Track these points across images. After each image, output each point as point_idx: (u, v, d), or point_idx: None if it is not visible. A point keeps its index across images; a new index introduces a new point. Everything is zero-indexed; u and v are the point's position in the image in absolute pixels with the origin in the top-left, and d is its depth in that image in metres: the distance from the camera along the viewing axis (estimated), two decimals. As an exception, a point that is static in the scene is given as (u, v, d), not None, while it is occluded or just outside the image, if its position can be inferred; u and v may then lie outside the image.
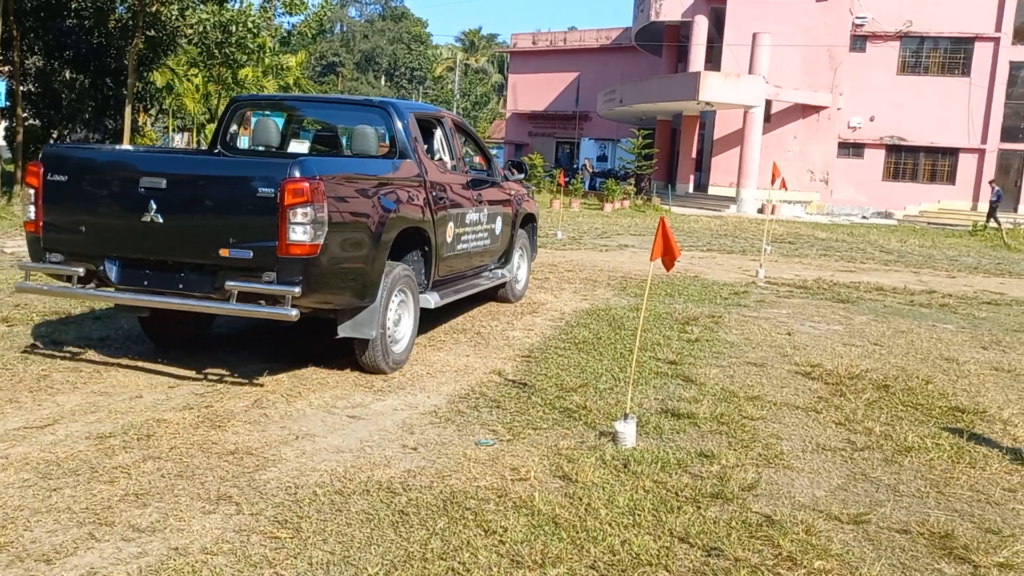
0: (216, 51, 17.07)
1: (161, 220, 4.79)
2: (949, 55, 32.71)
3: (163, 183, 4.81)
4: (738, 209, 29.71)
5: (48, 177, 5.04)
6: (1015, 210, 31.84)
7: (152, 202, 4.79)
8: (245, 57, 18.13)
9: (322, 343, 5.99)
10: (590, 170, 38.95)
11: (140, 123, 26.37)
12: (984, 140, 32.49)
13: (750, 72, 29.65)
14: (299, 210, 4.58)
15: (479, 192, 7.23)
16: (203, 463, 3.86)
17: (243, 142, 8.05)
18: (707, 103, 29.01)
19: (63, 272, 5.13)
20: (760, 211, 29.64)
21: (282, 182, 4.56)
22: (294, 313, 4.68)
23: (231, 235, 4.71)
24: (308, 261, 4.67)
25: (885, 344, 7.44)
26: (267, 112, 7.96)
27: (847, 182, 33.86)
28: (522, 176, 8.50)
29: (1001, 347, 7.59)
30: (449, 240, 6.48)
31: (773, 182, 11.89)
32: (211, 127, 38.16)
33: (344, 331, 5.37)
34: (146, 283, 5.01)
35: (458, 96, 65.88)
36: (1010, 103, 32.34)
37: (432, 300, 6.22)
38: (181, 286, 4.93)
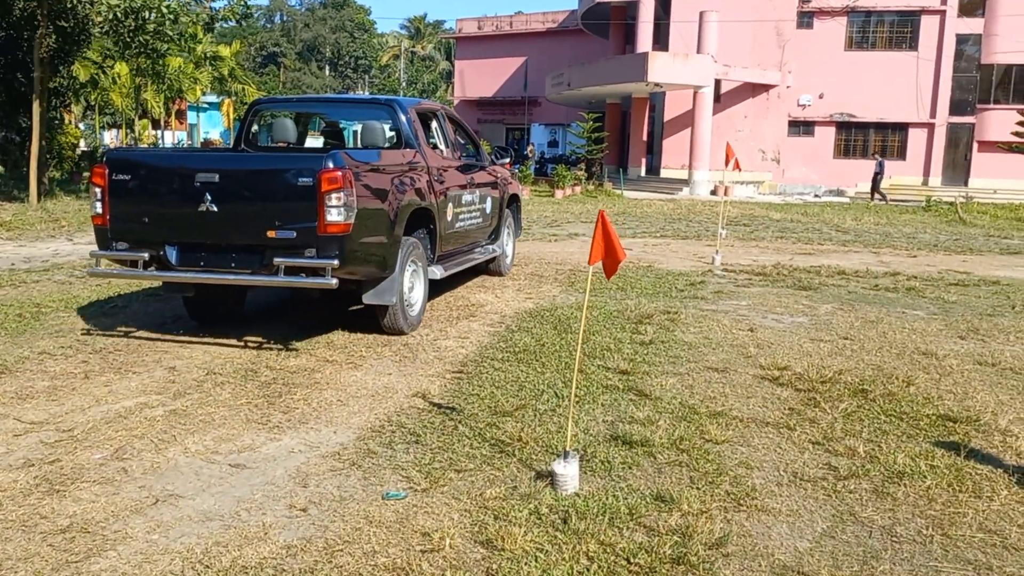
0: (131, 40, 15.85)
1: (216, 209, 5.58)
2: (896, 29, 32.53)
3: (216, 177, 5.61)
4: (691, 192, 29.19)
5: (113, 177, 5.83)
6: (965, 183, 31.85)
7: (207, 194, 5.57)
8: (166, 46, 16.93)
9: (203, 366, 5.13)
10: (532, 155, 38.20)
11: (65, 120, 24.93)
12: (933, 114, 32.41)
13: (698, 52, 29.09)
14: (334, 195, 5.39)
15: (471, 176, 8.07)
16: (18, 550, 2.99)
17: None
18: (656, 84, 28.39)
19: (130, 258, 5.87)
20: (713, 193, 29.17)
21: (319, 172, 5.39)
22: (334, 282, 5.49)
23: (277, 219, 5.52)
24: (343, 238, 5.49)
25: (855, 337, 6.78)
26: (284, 112, 8.62)
27: (799, 160, 33.58)
28: (507, 160, 9.45)
29: (979, 336, 6.98)
30: (449, 219, 7.36)
31: (727, 163, 11.23)
32: (144, 122, 36.75)
33: (368, 299, 6.20)
34: (202, 264, 5.78)
35: (404, 84, 64.55)
36: (957, 76, 32.30)
37: (438, 272, 7.13)
38: (233, 264, 5.73)
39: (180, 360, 5.66)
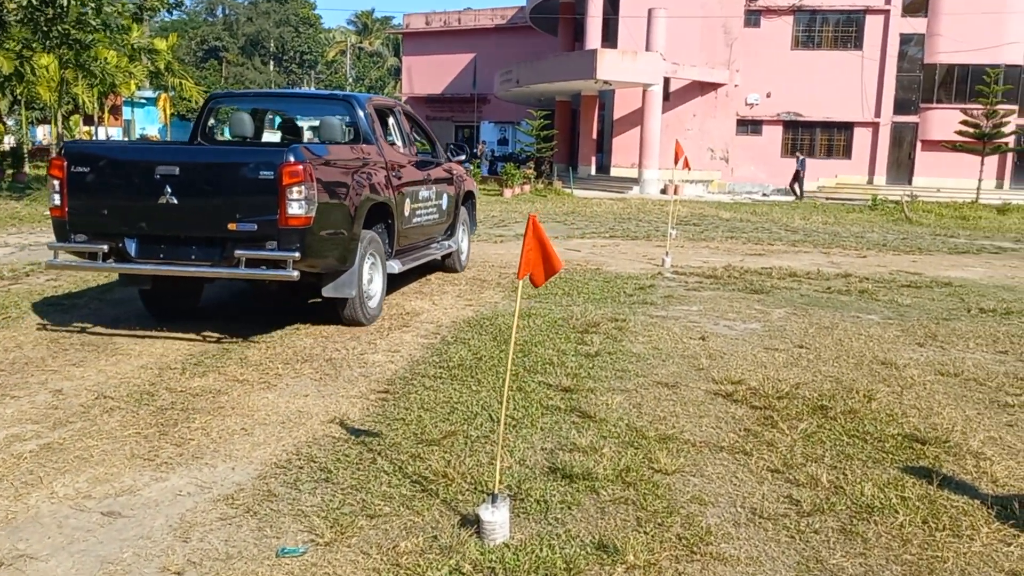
0: (49, 30, 14.91)
1: (176, 202, 5.60)
2: (841, 29, 32.75)
3: (176, 170, 5.62)
4: (641, 190, 28.97)
5: (71, 169, 5.79)
6: (909, 182, 32.20)
7: (167, 186, 5.58)
8: (91, 37, 16.01)
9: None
10: (482, 154, 37.70)
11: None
12: (878, 113, 32.71)
13: (647, 49, 28.87)
14: (295, 189, 5.45)
15: (428, 172, 8.11)
16: None
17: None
18: (605, 82, 28.09)
19: (88, 250, 5.84)
20: (663, 192, 29.00)
21: (280, 165, 5.44)
22: (295, 274, 5.55)
23: (237, 211, 5.55)
24: (304, 231, 5.55)
25: (811, 346, 6.42)
26: (241, 107, 8.53)
27: (747, 159, 33.63)
28: (463, 157, 9.36)
29: (938, 342, 6.68)
30: (407, 214, 7.43)
31: (676, 161, 10.87)
32: (76, 118, 35.29)
33: (328, 292, 6.28)
34: (162, 256, 5.81)
35: (351, 81, 63.45)
36: (901, 76, 32.64)
37: (396, 266, 7.20)
38: (193, 256, 5.77)
39: (69, 381, 5.04)
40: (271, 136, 8.22)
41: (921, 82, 32.50)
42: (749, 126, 33.80)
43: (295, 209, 5.48)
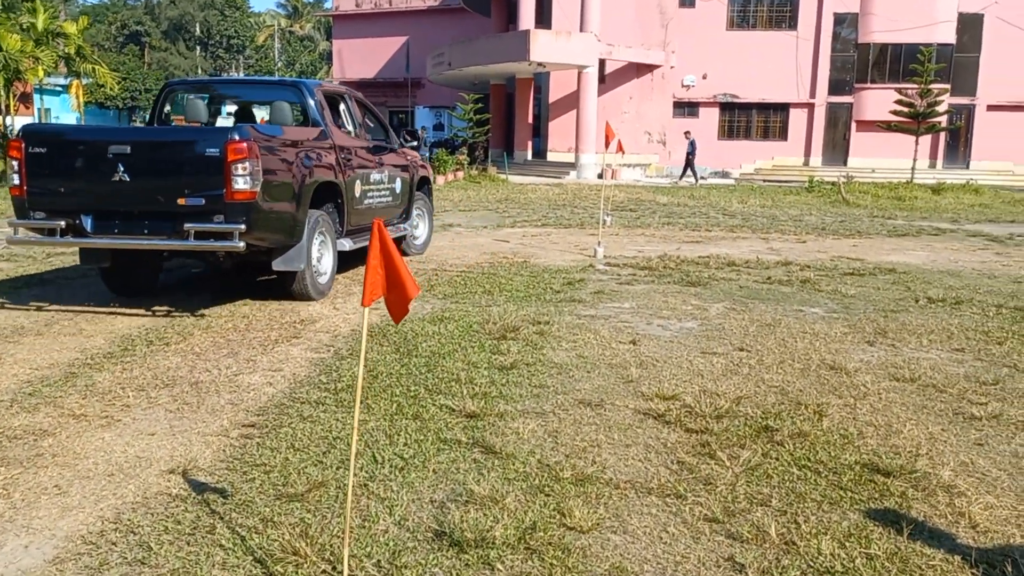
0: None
1: (128, 179, 5.95)
2: (776, 8, 32.50)
3: (128, 149, 5.98)
4: (578, 175, 28.34)
5: (29, 150, 6.13)
6: (844, 163, 32.21)
7: (120, 165, 5.94)
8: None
9: None
10: (423, 139, 36.62)
11: None
12: (813, 94, 32.61)
13: (581, 30, 28.17)
14: (239, 165, 5.80)
15: (380, 157, 8.47)
16: None
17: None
18: (539, 64, 27.32)
19: (46, 226, 6.18)
20: (601, 176, 28.40)
21: (225, 143, 5.80)
22: (241, 245, 5.90)
23: (187, 187, 5.91)
24: (249, 204, 5.91)
25: (752, 348, 5.78)
26: (196, 93, 8.78)
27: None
28: (415, 143, 9.65)
29: (888, 339, 6.10)
30: (358, 195, 7.78)
31: (607, 145, 10.18)
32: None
33: (277, 265, 6.62)
34: (116, 231, 6.15)
35: (280, 65, 61.51)
36: (835, 56, 32.56)
37: (347, 244, 7.61)
38: (146, 231, 6.09)
39: None
40: (225, 121, 8.54)
41: (855, 62, 32.48)
42: (686, 108, 33.41)
43: (240, 184, 5.84)
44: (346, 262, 8.33)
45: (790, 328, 6.42)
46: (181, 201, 5.92)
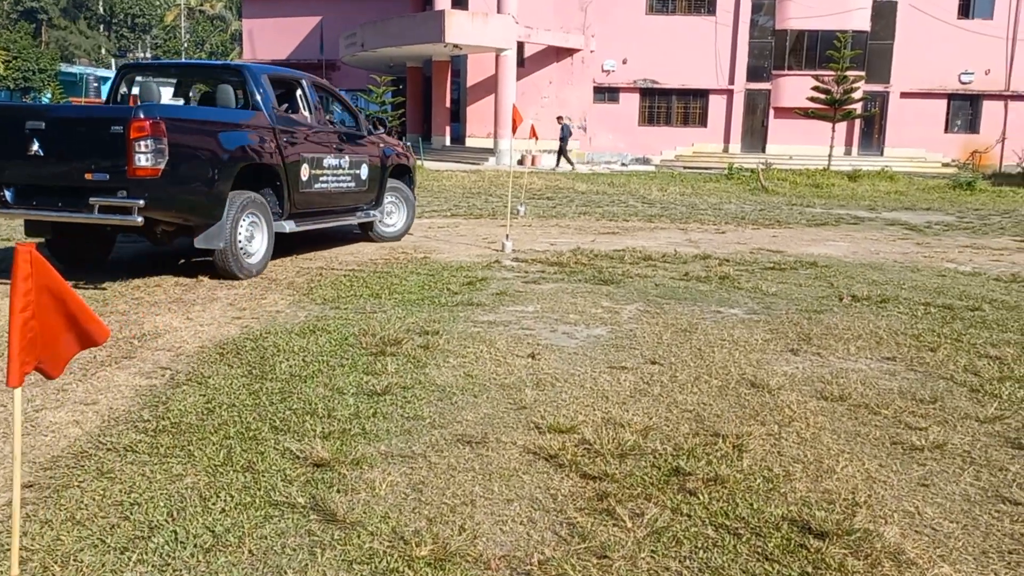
0: None
1: (42, 154, 6.37)
2: (695, -7, 32.25)
3: (42, 125, 6.41)
4: (497, 162, 27.57)
5: None
6: (763, 150, 32.26)
7: (35, 140, 6.34)
8: None
9: None
10: None
11: None
12: (732, 81, 32.53)
13: (499, 12, 27.33)
14: (142, 142, 6.10)
15: (340, 142, 8.62)
16: None
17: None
18: (455, 46, 26.40)
19: None
20: (520, 163, 27.67)
21: (129, 121, 6.11)
22: (139, 220, 6.28)
23: (94, 163, 6.32)
24: (151, 181, 6.24)
25: (666, 360, 5.10)
26: (151, 76, 8.77)
27: (605, 128, 32.82)
28: (383, 131, 9.68)
29: (813, 347, 5.50)
30: (305, 179, 7.95)
31: (515, 130, 9.43)
32: None
33: (199, 242, 6.96)
34: (34, 203, 6.63)
35: (187, 46, 58.84)
36: (754, 42, 32.52)
37: (287, 226, 7.77)
38: (60, 204, 6.55)
39: None
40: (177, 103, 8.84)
41: (773, 49, 32.50)
42: (606, 94, 32.95)
43: (142, 161, 6.08)
44: (306, 244, 8.78)
45: (707, 334, 5.77)
46: (88, 176, 6.24)
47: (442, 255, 9.15)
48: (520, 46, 28.64)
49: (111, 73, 47.42)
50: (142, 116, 6.07)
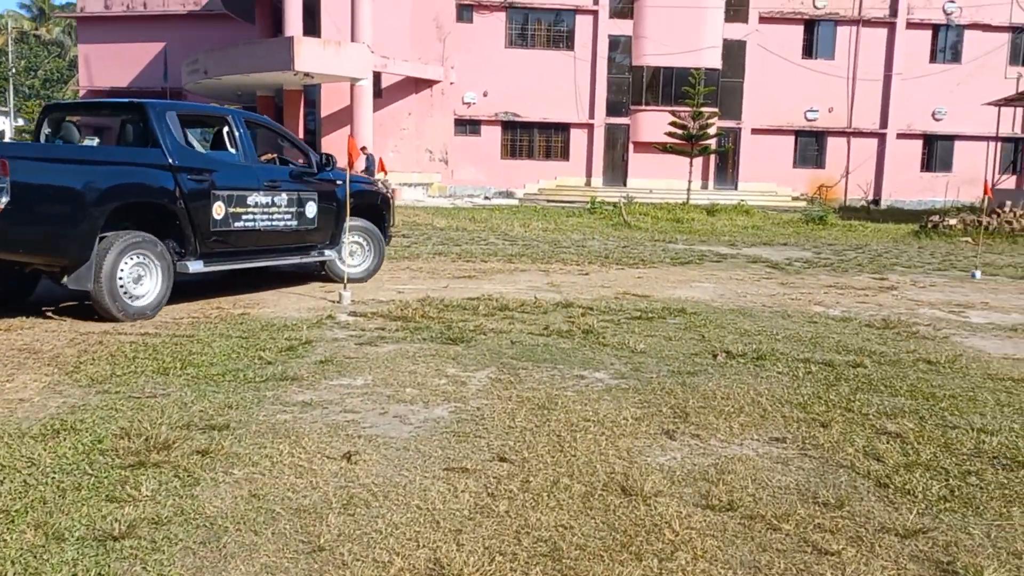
0: None
1: None
2: (553, 28, 32.22)
3: None
4: (353, 196, 26.16)
5: None
6: (624, 184, 32.37)
7: None
8: None
9: None
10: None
11: None
12: (592, 115, 32.57)
13: (353, 40, 26.16)
14: None
15: (276, 179, 8.49)
16: None
17: None
18: (306, 74, 24.99)
19: None
20: (377, 197, 26.42)
21: None
22: None
23: None
24: None
25: (516, 455, 4.09)
26: (70, 115, 8.85)
27: (467, 161, 32.11)
28: (332, 168, 9.22)
29: (691, 426, 4.63)
30: (219, 217, 7.79)
31: (351, 164, 8.29)
32: None
33: (69, 283, 6.80)
34: None
35: (13, 72, 54.36)
36: (612, 77, 32.73)
37: (192, 267, 7.64)
38: None
39: None
40: (91, 141, 8.54)
41: (631, 84, 32.80)
42: (468, 126, 32.29)
43: None
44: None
45: (569, 412, 4.81)
46: None
47: (266, 309, 7.87)
48: (377, 76, 27.56)
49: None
50: None
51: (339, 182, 9.12)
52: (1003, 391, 5.53)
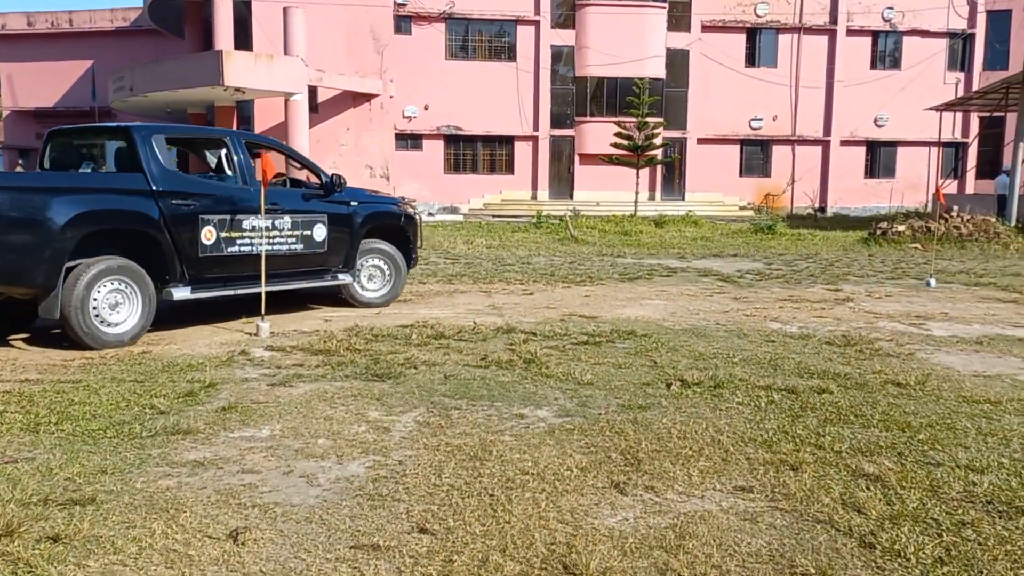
0: None
1: None
2: (495, 39, 31.72)
3: None
4: (291, 214, 25.25)
5: None
6: (571, 196, 31.96)
7: None
8: None
9: None
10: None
11: None
12: (536, 127, 32.13)
13: (286, 53, 25.30)
14: None
15: (275, 202, 8.11)
16: None
17: None
18: (236, 89, 24.02)
19: None
20: (317, 215, 25.56)
21: None
22: None
23: None
24: None
25: (440, 527, 3.43)
26: (71, 139, 8.58)
27: (410, 176, 31.36)
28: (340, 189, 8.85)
29: (645, 475, 4.01)
30: (209, 242, 7.60)
31: (266, 183, 7.55)
32: None
33: (41, 312, 6.72)
34: None
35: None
36: (555, 89, 32.35)
37: (179, 293, 7.43)
38: None
39: None
40: (86, 167, 8.30)
41: (575, 95, 32.45)
42: (409, 141, 31.57)
43: None
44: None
45: (505, 463, 4.17)
46: None
47: (172, 345, 7.09)
48: (312, 90, 26.70)
49: None
50: None
51: (353, 203, 8.89)
52: (982, 416, 5.05)
